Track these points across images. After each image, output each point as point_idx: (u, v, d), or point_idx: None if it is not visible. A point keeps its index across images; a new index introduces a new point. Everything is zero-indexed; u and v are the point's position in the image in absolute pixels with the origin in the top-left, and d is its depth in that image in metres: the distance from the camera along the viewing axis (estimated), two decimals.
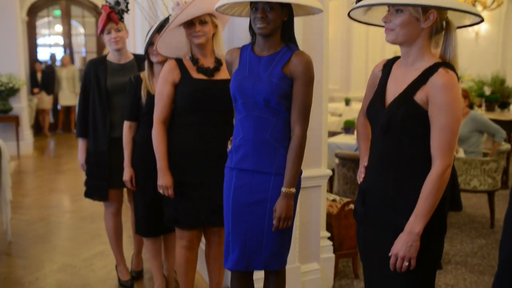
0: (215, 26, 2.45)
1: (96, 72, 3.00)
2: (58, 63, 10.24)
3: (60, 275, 3.39)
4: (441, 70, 1.63)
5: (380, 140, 1.74)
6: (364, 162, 1.91)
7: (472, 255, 3.86)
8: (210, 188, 2.45)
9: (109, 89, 2.97)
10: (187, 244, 2.58)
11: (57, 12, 10.87)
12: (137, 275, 3.34)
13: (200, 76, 2.45)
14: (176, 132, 2.47)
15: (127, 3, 2.98)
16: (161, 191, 2.48)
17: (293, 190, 2.03)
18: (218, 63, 2.48)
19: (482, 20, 1.69)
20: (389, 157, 1.71)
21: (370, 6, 1.72)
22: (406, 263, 1.64)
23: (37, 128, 9.97)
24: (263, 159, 2.05)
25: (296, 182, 2.06)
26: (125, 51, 3.06)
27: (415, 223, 1.62)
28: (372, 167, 1.79)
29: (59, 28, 11.17)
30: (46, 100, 9.84)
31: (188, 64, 2.47)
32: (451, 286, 3.28)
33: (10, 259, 3.69)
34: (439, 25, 1.68)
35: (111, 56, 3.06)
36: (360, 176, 1.85)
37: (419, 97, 1.65)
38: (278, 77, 2.01)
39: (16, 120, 7.69)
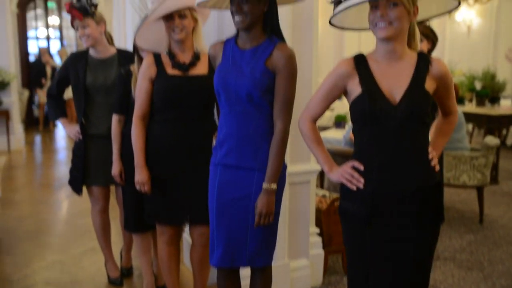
0: (195, 20, 2.41)
1: (76, 66, 2.94)
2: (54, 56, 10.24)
3: (49, 272, 3.38)
4: (434, 59, 1.78)
5: (396, 136, 1.74)
6: (333, 167, 1.89)
7: (460, 251, 3.88)
8: (187, 184, 2.44)
9: (88, 85, 2.92)
10: (168, 240, 2.58)
11: (51, 4, 10.83)
12: (127, 272, 3.33)
13: (175, 72, 2.41)
14: (153, 128, 2.46)
15: None
16: (138, 187, 2.47)
17: (273, 186, 2.01)
18: (195, 57, 2.44)
19: (459, 4, 1.80)
20: (407, 150, 1.75)
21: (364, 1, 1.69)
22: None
23: (29, 122, 9.94)
24: (246, 154, 2.03)
25: (277, 178, 2.03)
26: (103, 46, 2.96)
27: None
28: (382, 166, 1.75)
29: (51, 20, 11.09)
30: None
31: (165, 59, 2.43)
32: (440, 282, 3.30)
33: None
34: None
35: (91, 50, 2.99)
36: (360, 180, 1.78)
37: (428, 85, 1.75)
38: (260, 71, 1.98)
39: (6, 115, 7.61)
